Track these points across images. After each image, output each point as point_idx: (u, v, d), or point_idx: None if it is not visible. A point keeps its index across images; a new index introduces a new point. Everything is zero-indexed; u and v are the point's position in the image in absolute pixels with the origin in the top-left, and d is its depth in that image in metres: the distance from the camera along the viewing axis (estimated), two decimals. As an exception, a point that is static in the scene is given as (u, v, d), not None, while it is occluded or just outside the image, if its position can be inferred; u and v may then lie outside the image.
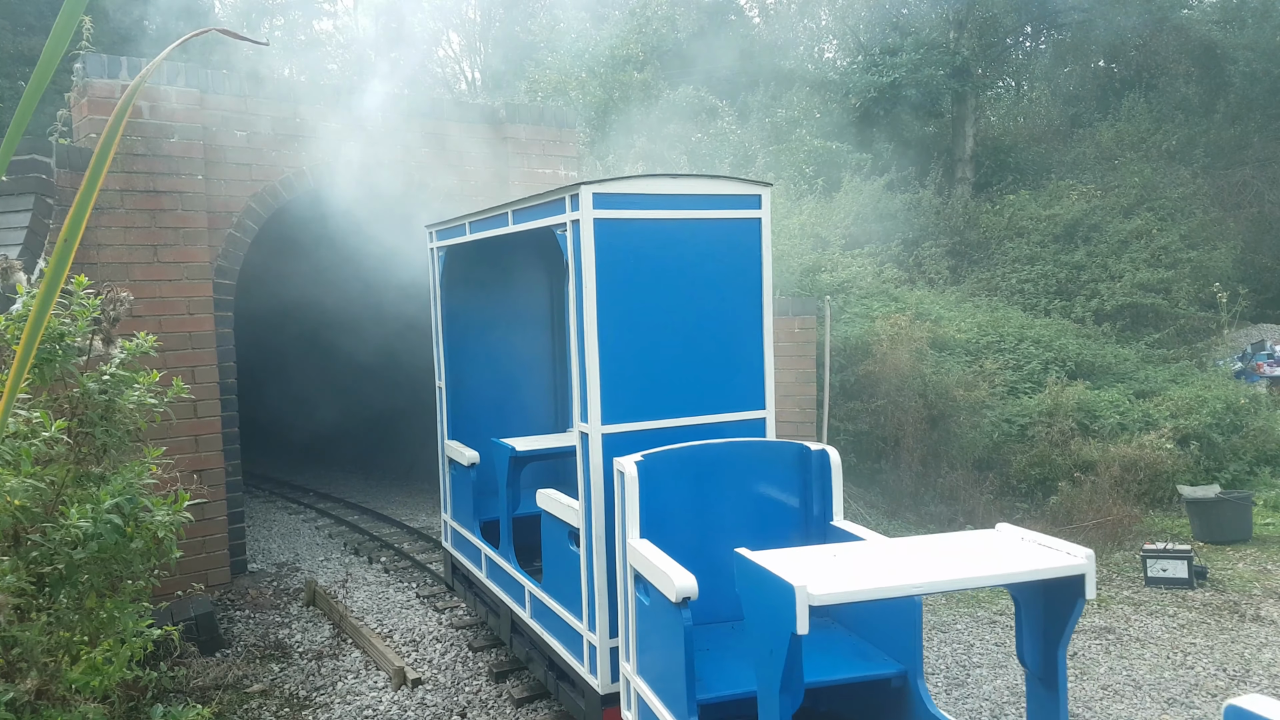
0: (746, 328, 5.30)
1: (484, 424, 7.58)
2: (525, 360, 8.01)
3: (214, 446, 8.65)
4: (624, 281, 4.91)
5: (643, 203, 4.94)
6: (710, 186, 5.14)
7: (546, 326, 8.17)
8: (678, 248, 5.07)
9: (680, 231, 5.07)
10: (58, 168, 7.89)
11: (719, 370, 5.25)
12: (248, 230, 8.98)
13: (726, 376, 5.28)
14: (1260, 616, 7.92)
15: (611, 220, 4.84)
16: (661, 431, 5.06)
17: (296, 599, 8.61)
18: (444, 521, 7.83)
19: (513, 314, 7.98)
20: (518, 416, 7.87)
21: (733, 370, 5.29)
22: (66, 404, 4.60)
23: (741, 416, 5.32)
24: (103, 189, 7.71)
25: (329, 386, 15.43)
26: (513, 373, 7.95)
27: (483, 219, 6.42)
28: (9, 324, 4.41)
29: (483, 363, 7.81)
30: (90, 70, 8.08)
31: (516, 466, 6.38)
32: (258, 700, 6.59)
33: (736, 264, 5.23)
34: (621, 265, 4.91)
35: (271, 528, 11.26)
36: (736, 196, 5.22)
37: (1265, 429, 12.51)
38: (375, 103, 9.70)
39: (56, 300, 2.12)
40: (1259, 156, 21.38)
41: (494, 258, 7.72)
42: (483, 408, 7.73)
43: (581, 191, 4.76)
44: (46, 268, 6.33)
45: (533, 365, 8.06)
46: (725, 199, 5.18)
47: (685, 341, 5.13)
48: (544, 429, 7.94)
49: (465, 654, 7.28)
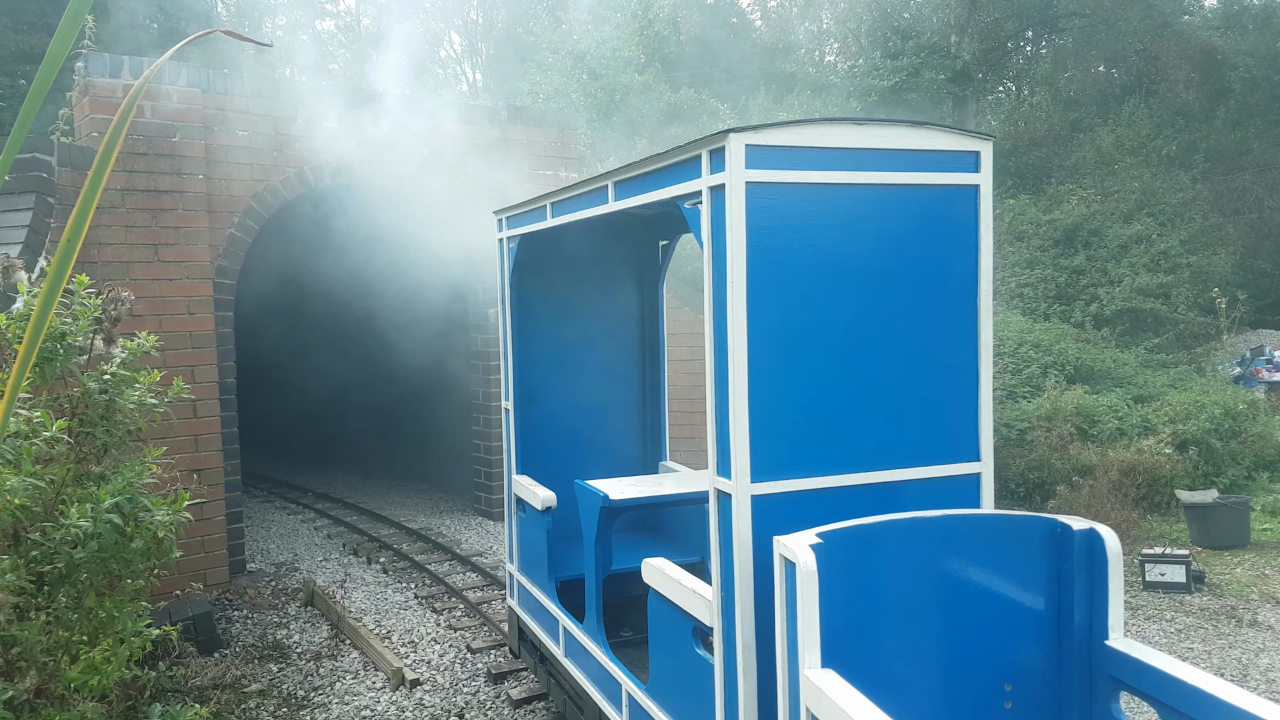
0: (955, 343, 3.89)
1: (559, 456, 6.55)
2: (610, 380, 6.84)
3: (213, 446, 8.65)
4: (784, 274, 3.57)
5: (813, 160, 3.58)
6: (910, 138, 3.72)
7: (635, 338, 6.91)
8: (860, 226, 3.68)
9: (864, 203, 3.68)
10: (59, 167, 7.89)
11: (916, 404, 3.86)
12: (249, 230, 8.98)
13: (927, 413, 3.88)
14: (1258, 622, 7.92)
15: (770, 185, 3.50)
16: (835, 494, 3.70)
17: (295, 599, 8.61)
18: (509, 574, 6.57)
19: (596, 322, 6.78)
20: (599, 449, 6.74)
21: (935, 404, 3.89)
22: (67, 403, 4.60)
23: (947, 471, 3.93)
24: (104, 188, 7.72)
25: (328, 387, 15.45)
26: (595, 395, 6.78)
27: (569, 198, 5.14)
28: (10, 323, 4.41)
29: (559, 381, 6.64)
30: (92, 69, 8.08)
31: (609, 519, 5.02)
32: (256, 700, 6.59)
33: (942, 250, 3.83)
34: (782, 250, 3.55)
35: (270, 528, 11.26)
36: (946, 154, 3.81)
37: (1264, 434, 12.52)
38: (375, 103, 9.71)
39: (58, 300, 2.13)
40: (1259, 162, 21.39)
41: (574, 253, 6.57)
42: (558, 436, 6.61)
43: (730, 143, 3.40)
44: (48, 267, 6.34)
45: (618, 386, 6.87)
46: (930, 157, 3.78)
47: (869, 362, 3.75)
48: (630, 466, 6.80)
49: (463, 655, 7.28)
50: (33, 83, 1.33)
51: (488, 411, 11.23)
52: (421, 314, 11.39)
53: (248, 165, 8.92)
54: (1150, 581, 8.79)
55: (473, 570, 9.25)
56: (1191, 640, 7.56)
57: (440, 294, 10.97)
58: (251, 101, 8.93)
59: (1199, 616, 8.09)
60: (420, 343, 11.74)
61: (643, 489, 5.21)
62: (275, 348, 14.40)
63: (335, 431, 15.83)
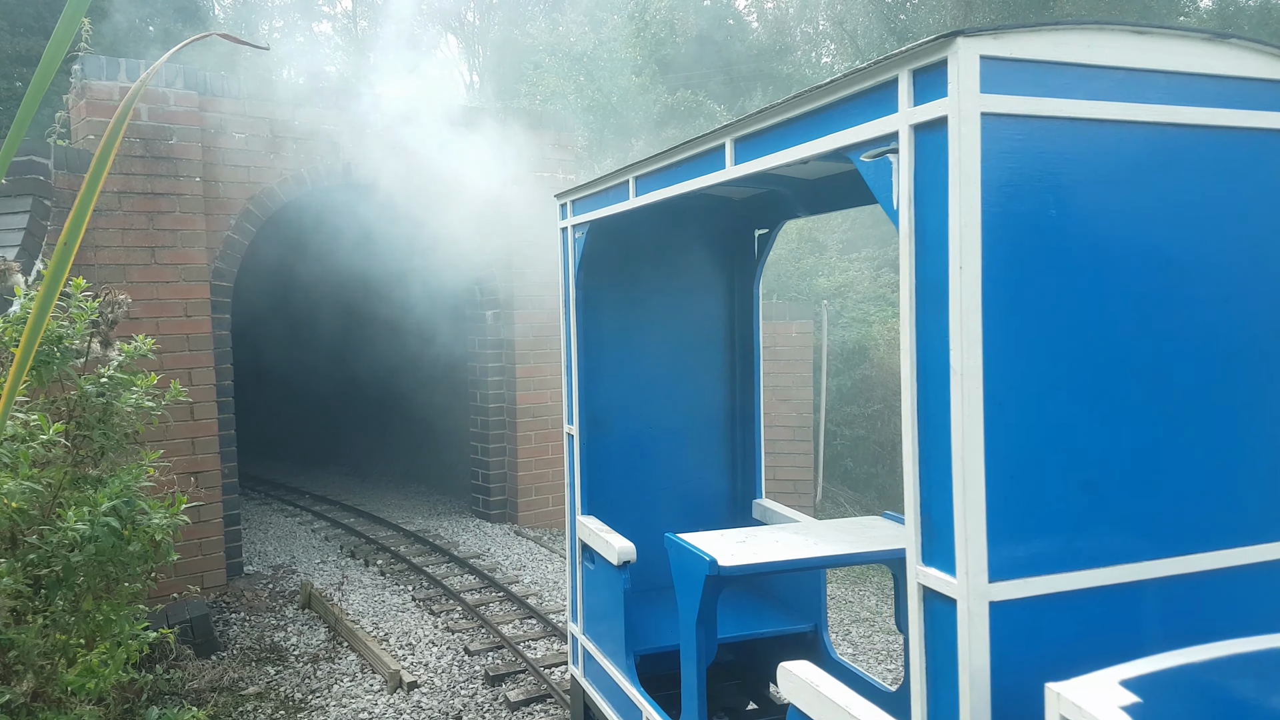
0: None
1: (631, 492, 5.58)
2: (692, 399, 5.79)
3: (210, 449, 8.65)
4: (1038, 259, 2.44)
5: (1077, 83, 2.41)
6: (1225, 58, 2.56)
7: (722, 349, 5.84)
8: (1145, 184, 2.53)
9: (1152, 149, 2.53)
10: (55, 169, 7.89)
11: (1232, 454, 2.63)
12: (246, 232, 8.98)
13: (1244, 466, 2.65)
14: (1255, 622, 7.95)
15: (1017, 120, 2.36)
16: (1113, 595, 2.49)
17: (292, 602, 8.60)
18: (571, 635, 5.48)
19: (676, 330, 5.74)
20: (679, 483, 5.74)
21: (1256, 454, 2.67)
22: (64, 406, 4.60)
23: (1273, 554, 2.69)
24: (101, 191, 7.71)
25: (325, 389, 15.44)
26: (674, 417, 5.73)
27: (664, 167, 4.00)
28: (7, 326, 4.41)
29: (631, 401, 5.62)
30: (89, 72, 8.08)
31: (716, 589, 3.81)
32: (253, 703, 6.58)
33: (1264, 221, 2.67)
34: (1035, 222, 2.41)
35: (267, 530, 11.25)
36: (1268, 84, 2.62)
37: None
38: (372, 105, 9.71)
39: (55, 303, 2.13)
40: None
41: (651, 246, 5.63)
42: (630, 468, 5.62)
43: (957, 53, 2.30)
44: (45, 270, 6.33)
45: (703, 407, 5.81)
46: (1248, 88, 2.59)
47: (1163, 391, 2.59)
48: (716, 504, 5.77)
49: (461, 657, 7.27)
50: (29, 85, 1.33)
51: (485, 413, 11.23)
52: (419, 315, 11.39)
53: (244, 167, 8.92)
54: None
55: (470, 572, 9.24)
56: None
57: (438, 295, 10.97)
58: (248, 104, 8.93)
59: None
60: (418, 344, 11.74)
61: (759, 548, 3.89)
62: (272, 350, 14.39)
63: (333, 433, 15.82)
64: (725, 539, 4.03)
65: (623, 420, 5.59)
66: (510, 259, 10.88)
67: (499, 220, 10.40)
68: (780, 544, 4.00)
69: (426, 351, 11.74)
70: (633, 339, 5.62)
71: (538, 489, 11.24)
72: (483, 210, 10.16)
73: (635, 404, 5.62)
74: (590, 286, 5.34)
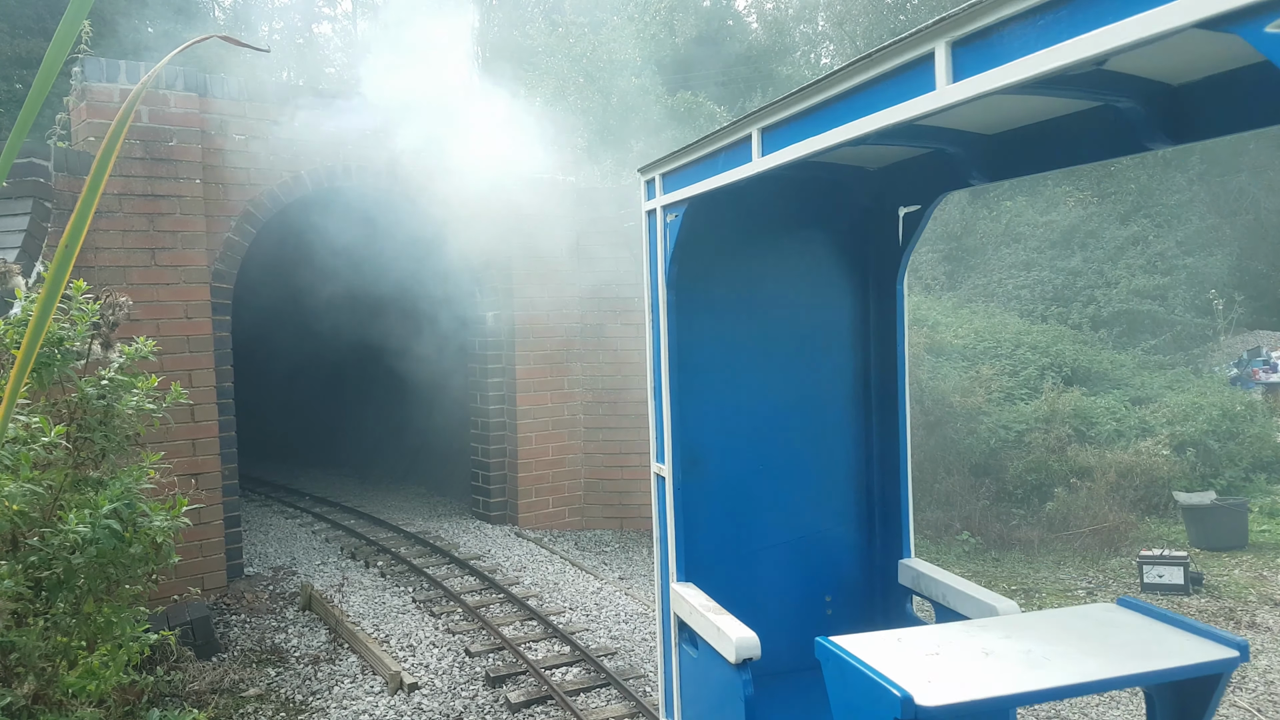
0: None
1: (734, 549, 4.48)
2: (813, 429, 4.64)
3: (211, 450, 8.65)
4: None
5: None
6: None
7: (850, 365, 4.70)
8: None
9: None
10: (56, 171, 7.89)
11: None
12: (246, 234, 8.98)
13: None
14: (1256, 623, 7.94)
15: None
16: None
17: (293, 603, 8.60)
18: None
19: (795, 341, 4.62)
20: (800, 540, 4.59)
21: None
22: (65, 409, 4.60)
23: None
24: (101, 193, 7.71)
25: (325, 390, 15.44)
26: (794, 454, 4.60)
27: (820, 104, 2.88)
28: (9, 328, 4.41)
29: (739, 433, 4.51)
30: (89, 74, 8.08)
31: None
32: (254, 705, 6.58)
33: None
34: None
35: (268, 532, 11.24)
36: None
37: (1261, 435, 12.54)
38: (371, 106, 9.71)
39: (56, 305, 2.13)
40: (1255, 163, 21.45)
41: (763, 231, 4.55)
42: (735, 518, 4.49)
43: None
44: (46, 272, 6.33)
45: (827, 439, 4.67)
46: None
47: None
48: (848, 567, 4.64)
49: (462, 659, 7.27)
50: (31, 88, 1.33)
51: (485, 415, 11.23)
52: (419, 316, 11.39)
53: (245, 169, 8.92)
54: (1148, 583, 8.80)
55: (471, 574, 9.24)
56: (1190, 641, 7.56)
57: (438, 295, 10.98)
58: (248, 106, 8.93)
59: (1197, 618, 8.10)
60: (418, 344, 11.74)
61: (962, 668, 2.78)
62: (272, 350, 14.39)
63: (332, 434, 15.82)
64: (904, 647, 2.89)
65: (724, 457, 4.47)
66: (511, 260, 10.89)
67: (499, 221, 10.40)
68: (994, 661, 2.81)
69: (426, 352, 11.74)
70: (736, 353, 4.49)
71: (538, 490, 11.24)
72: (483, 211, 10.16)
73: (740, 436, 4.49)
74: (684, 286, 4.20)
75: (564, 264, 11.18)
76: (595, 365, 11.43)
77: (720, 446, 4.44)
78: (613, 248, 11.28)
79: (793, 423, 4.57)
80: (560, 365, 11.32)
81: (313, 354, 14.59)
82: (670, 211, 4.05)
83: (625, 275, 11.24)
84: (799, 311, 4.59)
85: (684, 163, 3.88)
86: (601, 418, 11.46)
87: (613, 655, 7.28)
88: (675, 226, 4.00)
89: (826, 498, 4.62)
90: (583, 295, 11.37)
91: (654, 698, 6.54)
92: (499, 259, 10.85)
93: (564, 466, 11.40)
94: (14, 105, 17.29)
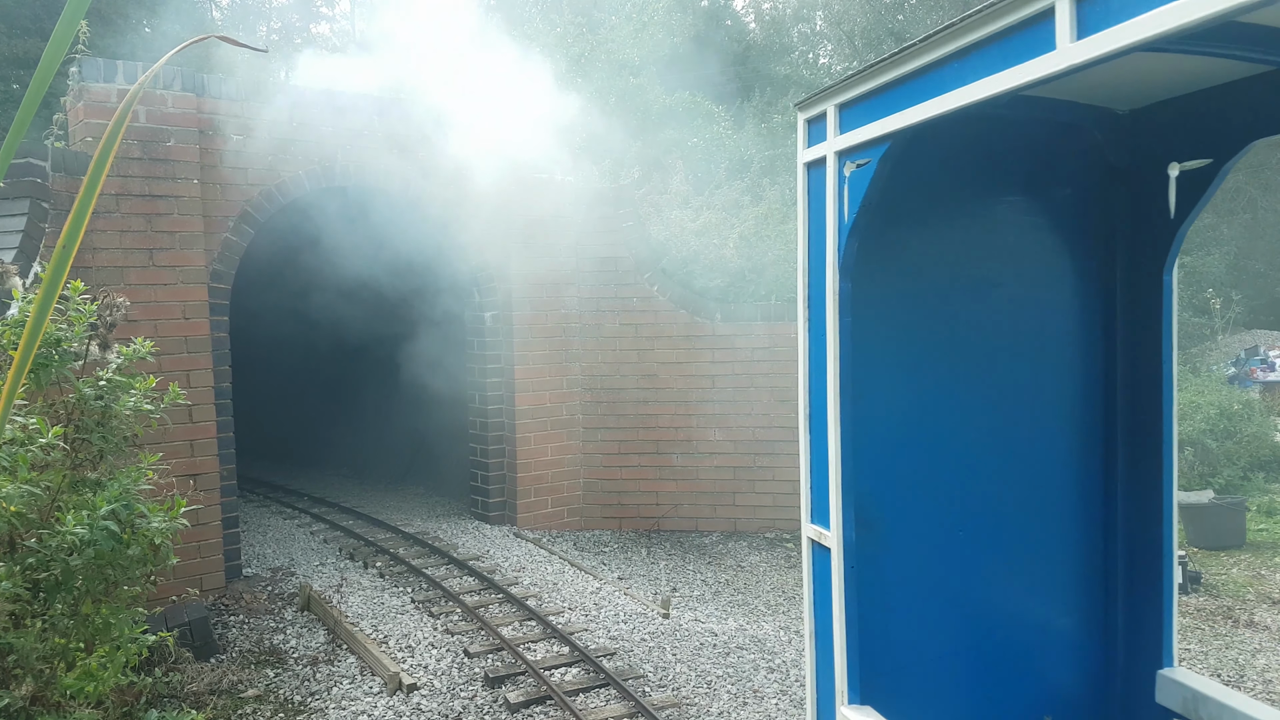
0: None
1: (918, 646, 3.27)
2: (1036, 480, 3.45)
3: (209, 451, 8.63)
4: None
5: None
6: None
7: (1097, 390, 3.46)
8: None
9: None
10: (53, 171, 7.87)
11: None
12: (244, 234, 8.97)
13: None
14: (1254, 622, 7.94)
15: None
16: None
17: (291, 604, 8.59)
18: None
19: (1009, 354, 3.41)
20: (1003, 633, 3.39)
21: None
22: (63, 410, 4.59)
23: None
24: (99, 193, 7.70)
25: (324, 390, 15.43)
26: (1002, 514, 3.40)
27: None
28: (6, 329, 4.40)
29: (926, 483, 3.30)
30: (86, 74, 8.07)
31: None
32: (252, 705, 6.57)
33: None
34: None
35: (266, 532, 11.23)
36: None
37: (1259, 435, 12.56)
38: (370, 107, 9.70)
39: (54, 306, 2.12)
40: (1252, 162, 21.46)
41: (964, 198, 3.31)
42: (918, 602, 3.29)
43: None
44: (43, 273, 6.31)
45: (1056, 496, 3.46)
46: None
47: None
48: (1074, 678, 3.45)
49: (461, 659, 7.27)
50: (28, 87, 1.33)
51: (484, 415, 11.22)
52: (418, 316, 11.38)
53: (243, 170, 8.91)
54: (1147, 582, 8.81)
55: (470, 574, 9.24)
56: (1188, 641, 7.57)
57: (437, 296, 10.97)
58: (246, 106, 8.92)
59: (1195, 617, 8.10)
60: (417, 345, 11.73)
61: None
62: (271, 351, 14.38)
63: (331, 435, 15.80)
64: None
65: (907, 519, 3.23)
66: (509, 260, 10.88)
67: (498, 221, 10.40)
68: None
69: (425, 352, 11.73)
70: (922, 370, 3.26)
71: (537, 490, 11.24)
72: (481, 211, 10.15)
73: (929, 488, 3.27)
74: (861, 274, 2.90)
75: (563, 264, 11.18)
76: (594, 365, 11.42)
77: (901, 504, 3.22)
78: (612, 247, 11.28)
79: (999, 469, 3.36)
80: (559, 365, 11.31)
81: (312, 354, 14.58)
82: (853, 156, 2.70)
83: (624, 275, 11.23)
84: (1010, 312, 3.35)
85: (894, 76, 2.47)
86: (600, 418, 11.46)
87: (612, 655, 7.28)
88: (861, 181, 2.65)
89: (1042, 576, 3.41)
90: (581, 295, 11.36)
91: (653, 698, 6.54)
92: (497, 259, 10.84)
93: (563, 467, 11.39)
94: (11, 105, 17.27)
